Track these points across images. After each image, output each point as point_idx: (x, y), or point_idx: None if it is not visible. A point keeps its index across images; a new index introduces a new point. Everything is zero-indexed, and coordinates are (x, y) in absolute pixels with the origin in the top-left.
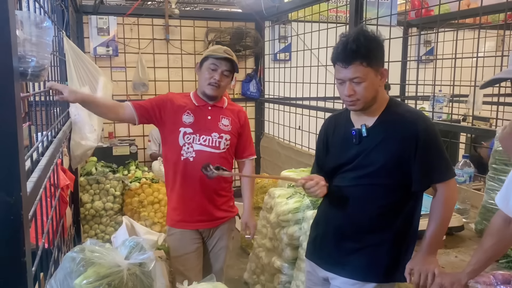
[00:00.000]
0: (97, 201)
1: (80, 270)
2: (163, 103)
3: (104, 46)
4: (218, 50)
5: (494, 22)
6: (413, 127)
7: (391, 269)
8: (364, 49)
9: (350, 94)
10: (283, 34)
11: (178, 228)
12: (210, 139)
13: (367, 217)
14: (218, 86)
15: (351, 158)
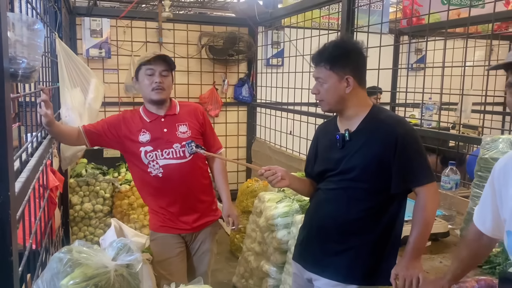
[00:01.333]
0: (86, 203)
1: (67, 270)
2: (117, 125)
3: (96, 48)
4: (148, 54)
5: (484, 32)
6: (392, 131)
7: (373, 272)
8: (328, 54)
9: (314, 92)
10: (276, 40)
11: (161, 232)
12: (173, 151)
13: (349, 219)
14: (162, 88)
15: (336, 162)
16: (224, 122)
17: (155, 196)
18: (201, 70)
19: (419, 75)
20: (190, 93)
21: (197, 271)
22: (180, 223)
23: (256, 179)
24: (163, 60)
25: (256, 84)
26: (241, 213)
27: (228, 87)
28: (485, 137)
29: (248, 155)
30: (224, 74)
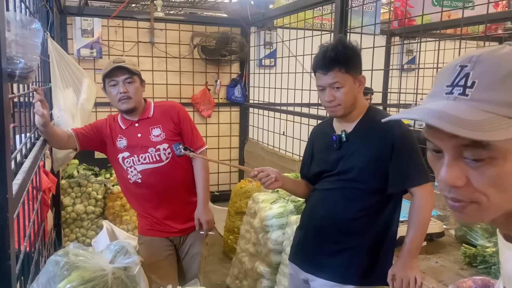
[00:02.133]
0: (78, 205)
1: (64, 274)
2: (104, 129)
3: (88, 48)
4: (108, 66)
5: (474, 33)
6: (389, 132)
7: (369, 272)
8: (342, 56)
9: (331, 99)
10: (269, 40)
11: (148, 236)
12: (149, 156)
13: (346, 220)
14: (128, 97)
15: (333, 163)
16: (216, 123)
17: (139, 201)
18: (193, 70)
19: (410, 76)
20: (182, 93)
21: (187, 275)
22: (167, 226)
23: (249, 180)
24: (123, 68)
25: (249, 85)
26: (235, 213)
27: (220, 88)
28: None
29: (240, 156)
30: (216, 74)
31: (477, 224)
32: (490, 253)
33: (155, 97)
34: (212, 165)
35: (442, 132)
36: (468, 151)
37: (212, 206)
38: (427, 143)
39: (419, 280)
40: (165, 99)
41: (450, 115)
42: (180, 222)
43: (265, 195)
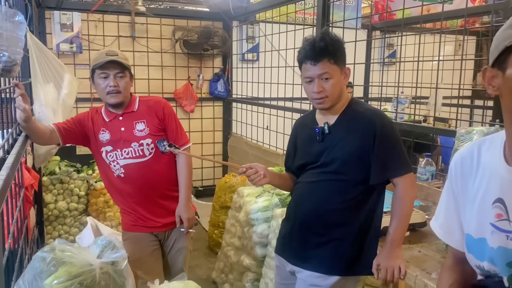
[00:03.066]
0: (60, 201)
1: (50, 270)
2: (86, 122)
3: (67, 42)
4: (100, 57)
5: (452, 27)
6: (371, 123)
7: (354, 263)
8: (331, 47)
9: (320, 90)
10: (251, 35)
11: (132, 231)
12: (132, 150)
13: (330, 211)
14: (118, 92)
15: (316, 155)
16: (199, 118)
17: (122, 196)
18: (175, 65)
19: (390, 70)
20: (164, 88)
21: (172, 269)
22: (151, 221)
23: (234, 174)
24: (116, 62)
25: (232, 79)
26: (219, 208)
27: (203, 82)
28: (460, 129)
29: (224, 151)
30: (199, 69)
31: None
32: None
33: (137, 92)
34: (195, 160)
35: None
36: None
37: (196, 201)
38: None
39: (403, 269)
40: (147, 94)
41: None
42: (163, 217)
43: (250, 189)
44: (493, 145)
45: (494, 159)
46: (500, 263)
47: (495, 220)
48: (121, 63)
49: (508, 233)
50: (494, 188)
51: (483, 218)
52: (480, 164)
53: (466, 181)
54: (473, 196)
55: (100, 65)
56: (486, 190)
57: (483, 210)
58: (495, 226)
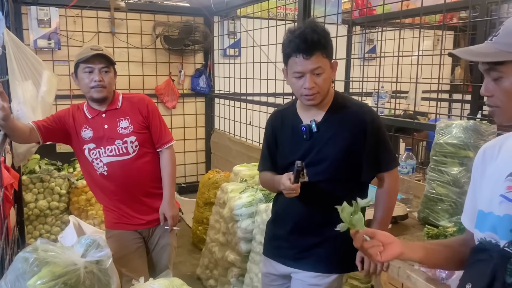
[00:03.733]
0: (41, 200)
1: (34, 270)
2: (67, 119)
3: (45, 38)
4: (85, 51)
5: (431, 22)
6: (361, 119)
7: (350, 259)
8: (323, 40)
9: (312, 86)
10: (232, 30)
11: (116, 229)
12: (116, 148)
13: (323, 211)
14: (103, 86)
15: (304, 154)
16: (181, 114)
17: (105, 193)
18: (156, 60)
19: (370, 65)
20: (145, 84)
21: (157, 266)
22: (135, 219)
23: (217, 170)
24: (102, 56)
25: (214, 75)
26: (203, 204)
27: (185, 78)
28: (440, 123)
29: (207, 147)
30: (180, 64)
31: (438, 206)
32: (451, 232)
33: (117, 88)
34: (177, 156)
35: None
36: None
37: (179, 198)
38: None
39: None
40: (128, 91)
41: (472, 50)
42: (147, 214)
43: (234, 185)
44: None
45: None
46: (503, 230)
47: (506, 191)
48: (107, 58)
49: None
50: (509, 164)
51: (494, 191)
52: (502, 149)
53: (486, 166)
54: (490, 175)
55: (86, 59)
56: (503, 167)
57: (497, 184)
58: (504, 197)
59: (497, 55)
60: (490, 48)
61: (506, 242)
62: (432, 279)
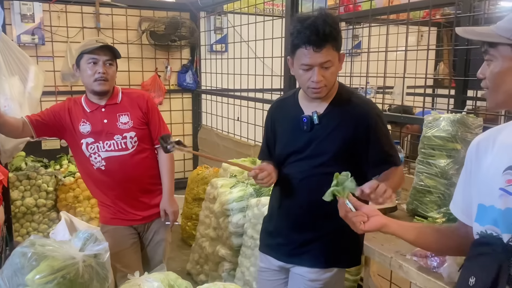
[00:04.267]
0: (28, 198)
1: (32, 264)
2: (62, 113)
3: (29, 34)
4: (90, 42)
5: (415, 18)
6: (366, 115)
7: (350, 254)
8: (335, 32)
9: (320, 79)
10: (219, 26)
11: (112, 225)
12: (115, 143)
13: (323, 206)
14: (106, 79)
15: (303, 146)
16: (168, 110)
17: (101, 189)
18: (142, 56)
19: (356, 61)
20: (131, 80)
21: (152, 261)
22: (131, 214)
23: (206, 166)
24: (108, 49)
25: (200, 71)
26: (192, 200)
27: (171, 74)
28: (428, 116)
29: (194, 143)
30: (166, 60)
31: (426, 198)
32: (440, 223)
33: None
34: None
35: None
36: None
37: None
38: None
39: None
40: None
41: (474, 30)
42: (143, 210)
43: (224, 180)
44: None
45: (510, 135)
46: (505, 223)
47: (506, 185)
48: (112, 51)
49: None
50: (508, 157)
51: (493, 184)
52: (496, 142)
53: (481, 158)
54: (486, 168)
55: (91, 50)
56: (499, 161)
57: (495, 178)
58: (505, 190)
59: (491, 36)
60: (490, 31)
61: (510, 236)
62: (424, 268)
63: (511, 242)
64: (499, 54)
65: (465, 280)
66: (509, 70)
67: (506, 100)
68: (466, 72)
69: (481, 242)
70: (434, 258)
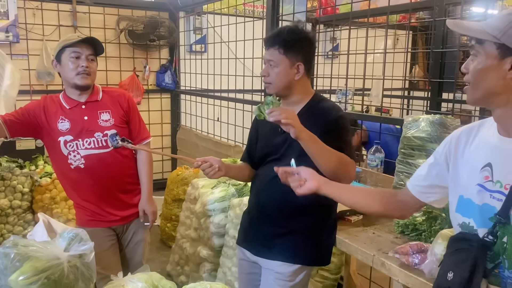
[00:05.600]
0: (2, 199)
1: (15, 265)
2: (37, 112)
3: (3, 31)
4: (72, 37)
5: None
6: (328, 117)
7: (315, 252)
8: (284, 37)
9: (264, 74)
10: (198, 26)
11: (89, 227)
12: (95, 140)
13: (290, 205)
14: (88, 73)
15: (277, 146)
16: (146, 110)
17: (78, 188)
18: (120, 55)
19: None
20: (108, 79)
21: (131, 262)
22: (109, 215)
23: (186, 167)
24: (91, 43)
25: (179, 71)
26: (172, 201)
27: (149, 74)
28: (407, 117)
29: (173, 144)
30: (145, 60)
31: None
32: (420, 221)
33: None
34: None
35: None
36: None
37: None
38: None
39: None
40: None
41: (463, 24)
42: (122, 209)
43: (205, 181)
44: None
45: (490, 132)
46: (481, 218)
47: (484, 181)
48: (95, 46)
49: (491, 192)
50: (485, 155)
51: (471, 179)
52: (477, 136)
53: (461, 151)
54: (466, 161)
55: (74, 43)
56: (479, 157)
57: (473, 173)
58: (482, 186)
59: (478, 33)
60: (479, 27)
61: (485, 231)
62: (406, 265)
63: (486, 237)
64: (484, 51)
65: (444, 275)
66: (491, 68)
67: (484, 97)
68: (441, 75)
69: (458, 238)
70: (416, 255)
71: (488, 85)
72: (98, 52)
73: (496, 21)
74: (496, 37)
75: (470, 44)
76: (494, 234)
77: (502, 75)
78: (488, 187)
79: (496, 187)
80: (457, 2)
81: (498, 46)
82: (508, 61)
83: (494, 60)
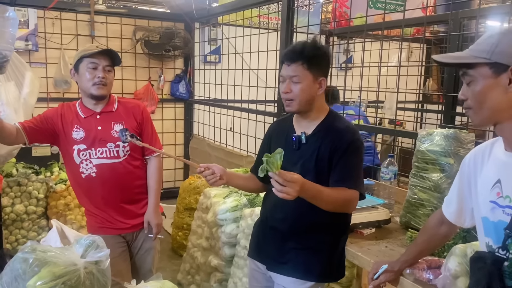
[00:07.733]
0: (18, 205)
1: (34, 270)
2: (55, 119)
3: (22, 40)
4: (91, 48)
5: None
6: (342, 138)
7: (329, 269)
8: (307, 52)
9: (287, 91)
10: (213, 37)
11: (100, 234)
12: (107, 150)
13: (304, 221)
14: (104, 84)
15: (292, 164)
16: (160, 119)
17: (90, 196)
18: (136, 65)
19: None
20: (124, 88)
21: (141, 270)
22: (119, 223)
23: (198, 176)
24: (108, 55)
25: (194, 81)
26: (184, 210)
27: (164, 83)
28: (421, 131)
29: (185, 153)
30: (160, 69)
31: (419, 210)
32: None
33: None
34: None
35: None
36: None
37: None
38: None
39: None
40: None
41: (450, 55)
42: (132, 218)
43: (217, 190)
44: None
45: (500, 149)
46: (497, 235)
47: (496, 198)
48: (112, 57)
49: (503, 208)
50: (495, 172)
51: (486, 198)
52: (491, 155)
53: (477, 171)
54: (481, 181)
55: (92, 54)
56: (490, 174)
57: (487, 191)
58: (495, 203)
59: (467, 58)
60: (465, 53)
61: (498, 246)
62: (419, 280)
63: (497, 252)
64: (479, 74)
65: None
66: (490, 87)
67: (491, 115)
68: (455, 88)
69: (475, 258)
70: (430, 271)
71: (492, 103)
72: (115, 63)
73: (481, 45)
74: (486, 58)
75: (461, 72)
76: (505, 248)
77: (503, 91)
78: (500, 203)
79: (506, 202)
80: (472, 16)
81: (491, 65)
82: (505, 76)
83: (490, 79)
